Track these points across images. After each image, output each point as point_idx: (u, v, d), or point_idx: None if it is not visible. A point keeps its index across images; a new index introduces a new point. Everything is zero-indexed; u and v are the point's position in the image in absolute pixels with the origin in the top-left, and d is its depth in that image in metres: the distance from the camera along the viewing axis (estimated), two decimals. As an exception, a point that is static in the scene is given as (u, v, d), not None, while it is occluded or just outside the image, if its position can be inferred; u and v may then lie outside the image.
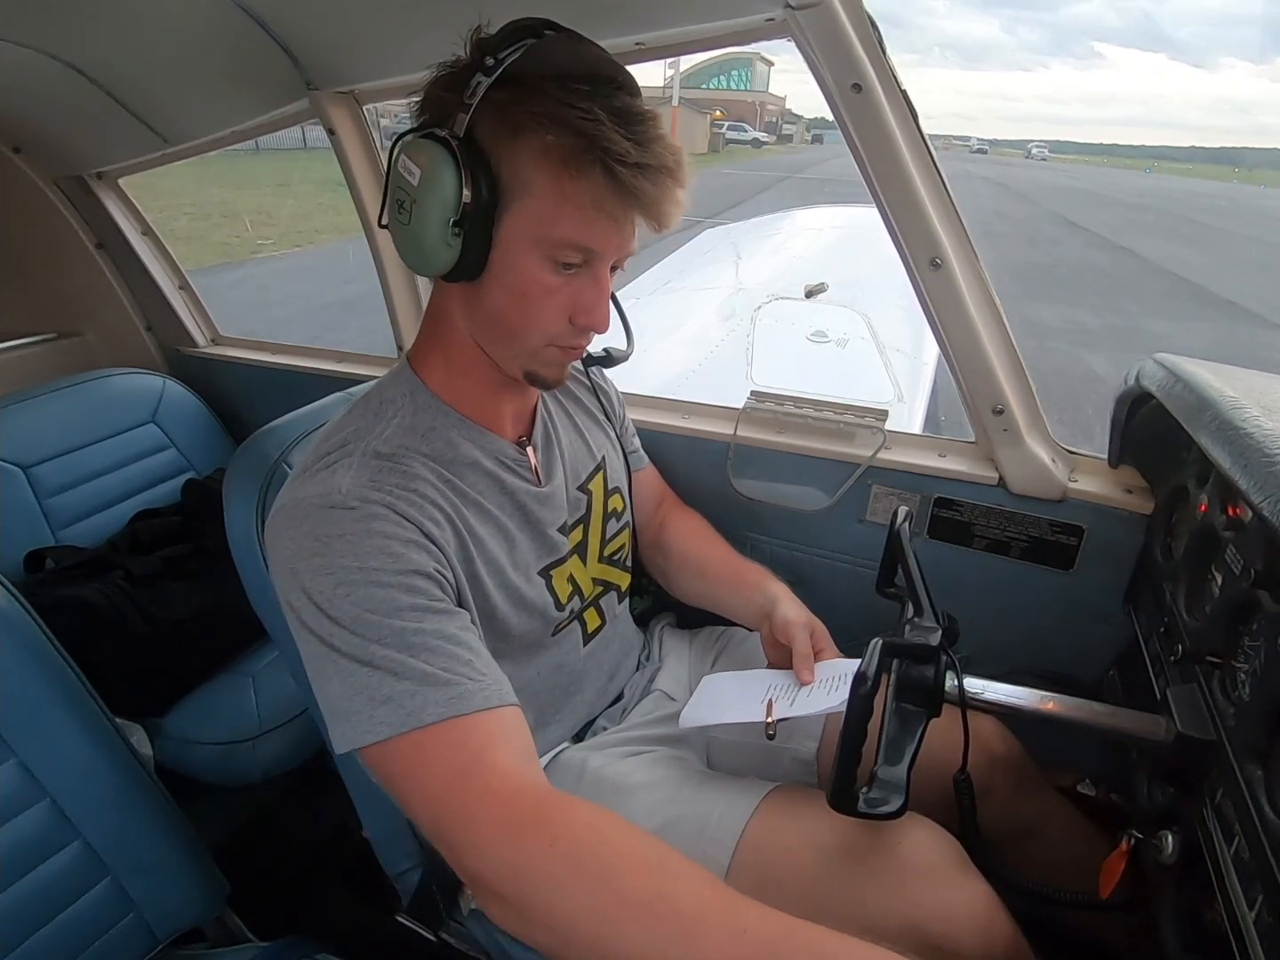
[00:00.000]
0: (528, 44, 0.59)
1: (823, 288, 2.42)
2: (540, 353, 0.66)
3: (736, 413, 1.13)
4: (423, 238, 0.60)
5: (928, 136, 0.85)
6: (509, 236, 0.60)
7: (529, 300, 0.62)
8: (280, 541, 0.60)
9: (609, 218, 0.59)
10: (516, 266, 0.61)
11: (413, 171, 0.60)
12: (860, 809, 0.59)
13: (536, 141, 0.57)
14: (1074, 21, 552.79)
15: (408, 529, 0.60)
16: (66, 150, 1.48)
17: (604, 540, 0.86)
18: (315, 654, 0.57)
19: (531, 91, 0.57)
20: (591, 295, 0.63)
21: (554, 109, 0.57)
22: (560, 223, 0.59)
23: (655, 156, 0.58)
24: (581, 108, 0.56)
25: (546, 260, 0.61)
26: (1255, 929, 0.50)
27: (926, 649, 0.64)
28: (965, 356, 0.92)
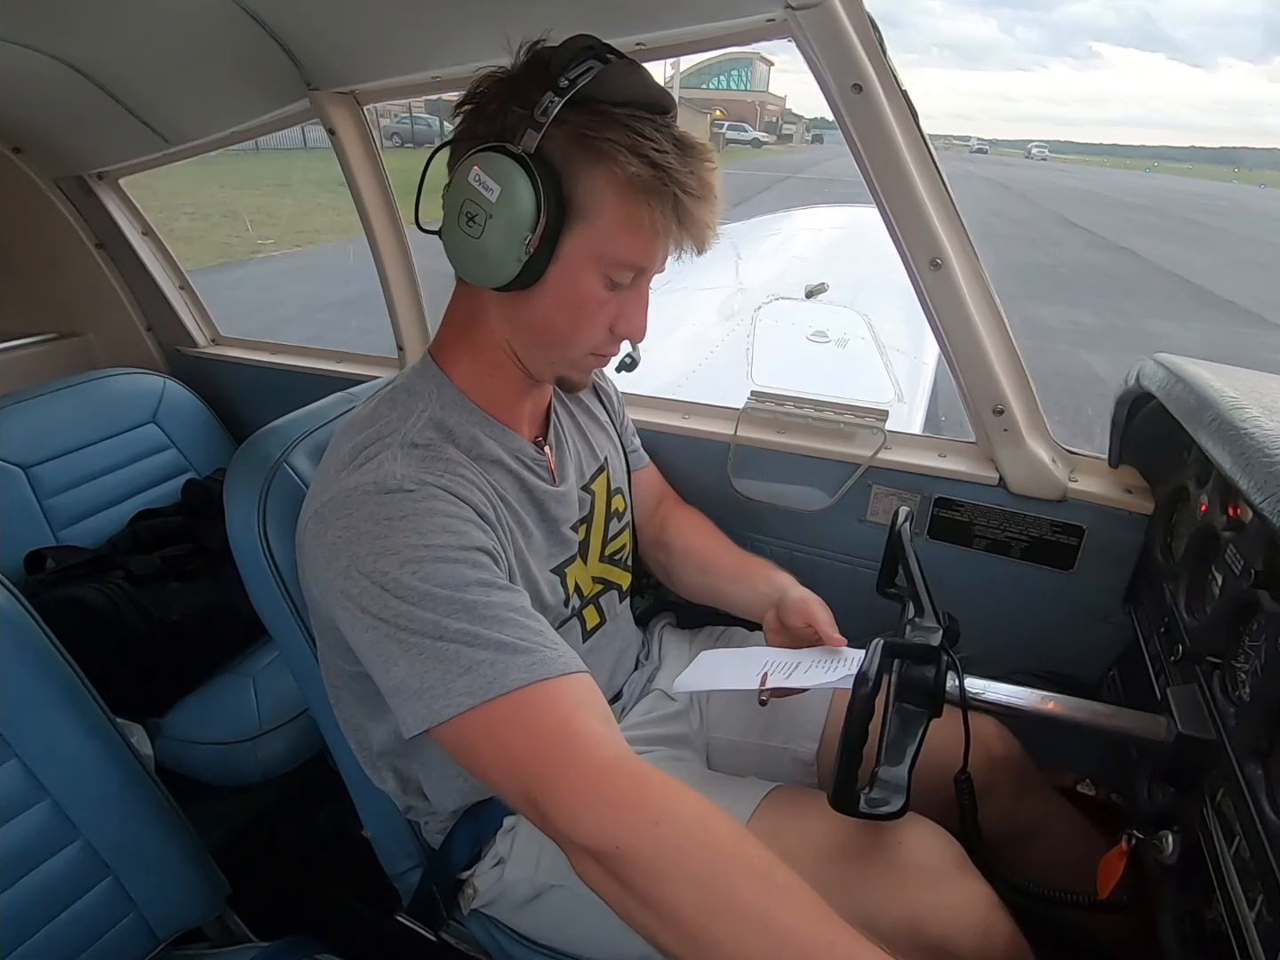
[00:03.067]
0: (594, 67, 0.61)
1: (823, 288, 2.42)
2: (580, 361, 0.70)
3: (736, 413, 1.13)
4: (493, 252, 0.61)
5: (928, 136, 0.85)
6: (571, 254, 0.63)
7: (581, 313, 0.65)
8: (330, 532, 0.60)
9: (670, 243, 0.64)
10: (575, 282, 0.64)
11: (490, 187, 0.60)
12: (861, 809, 0.59)
13: (615, 169, 0.60)
14: (1072, 21, 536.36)
15: (464, 509, 0.62)
16: (66, 150, 1.48)
17: (605, 540, 0.86)
18: (379, 638, 0.57)
19: (606, 119, 0.60)
20: (636, 308, 0.68)
21: (630, 139, 0.59)
22: (626, 246, 0.63)
23: (709, 187, 0.63)
24: (653, 139, 0.60)
25: (603, 277, 0.64)
26: (1255, 928, 0.50)
27: (927, 649, 0.64)
28: (965, 356, 0.92)
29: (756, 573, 0.91)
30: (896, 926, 0.64)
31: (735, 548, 0.99)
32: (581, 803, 0.51)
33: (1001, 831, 0.84)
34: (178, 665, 1.20)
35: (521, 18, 0.91)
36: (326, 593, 0.61)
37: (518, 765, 0.54)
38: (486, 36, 0.96)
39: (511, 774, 0.54)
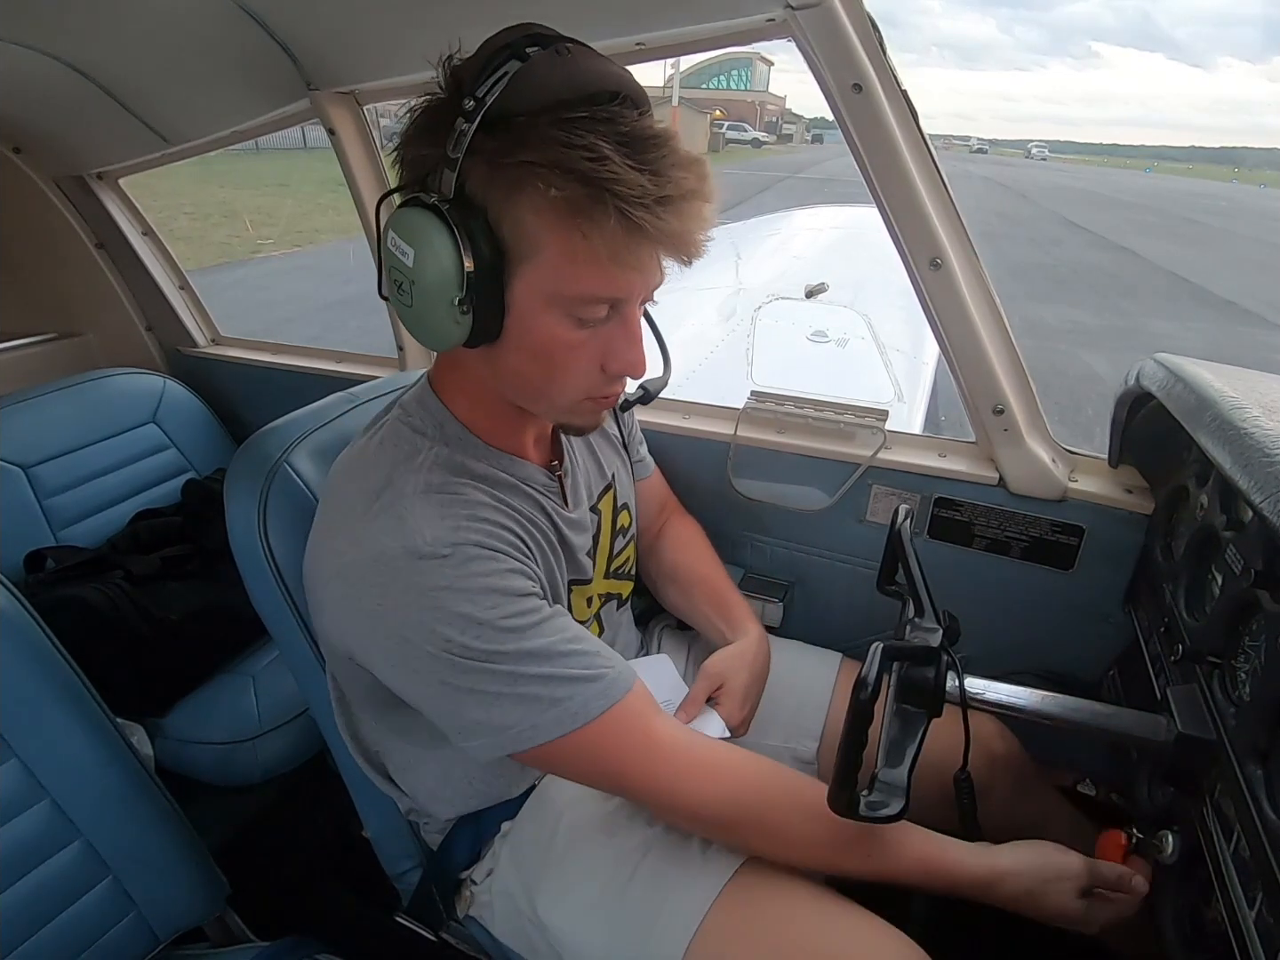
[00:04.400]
0: (510, 71, 0.51)
1: (823, 288, 2.42)
2: (574, 407, 0.63)
3: (736, 413, 1.13)
4: (428, 318, 0.55)
5: (928, 136, 0.85)
6: (521, 299, 0.55)
7: (553, 361, 0.58)
8: (366, 599, 0.58)
9: (631, 266, 0.54)
10: (534, 329, 0.56)
11: (405, 251, 0.54)
12: (861, 813, 0.59)
13: (538, 196, 0.50)
14: (1070, 21, 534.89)
15: (501, 560, 0.60)
16: (66, 150, 1.48)
17: (611, 557, 0.86)
18: (446, 693, 0.58)
19: (524, 134, 0.50)
20: (622, 342, 0.58)
21: (553, 153, 0.49)
22: (577, 280, 0.54)
23: (675, 184, 0.51)
24: (583, 145, 0.49)
25: (566, 318, 0.56)
26: (1255, 928, 0.50)
27: (927, 650, 0.64)
28: (965, 356, 0.92)
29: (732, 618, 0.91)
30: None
31: (723, 576, 0.97)
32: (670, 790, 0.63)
33: (1001, 831, 0.84)
34: (178, 665, 1.20)
35: (521, 18, 0.91)
36: (366, 650, 0.60)
37: (609, 776, 0.64)
38: (486, 36, 0.96)
39: (603, 780, 0.65)
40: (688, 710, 0.82)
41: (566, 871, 0.73)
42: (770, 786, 0.66)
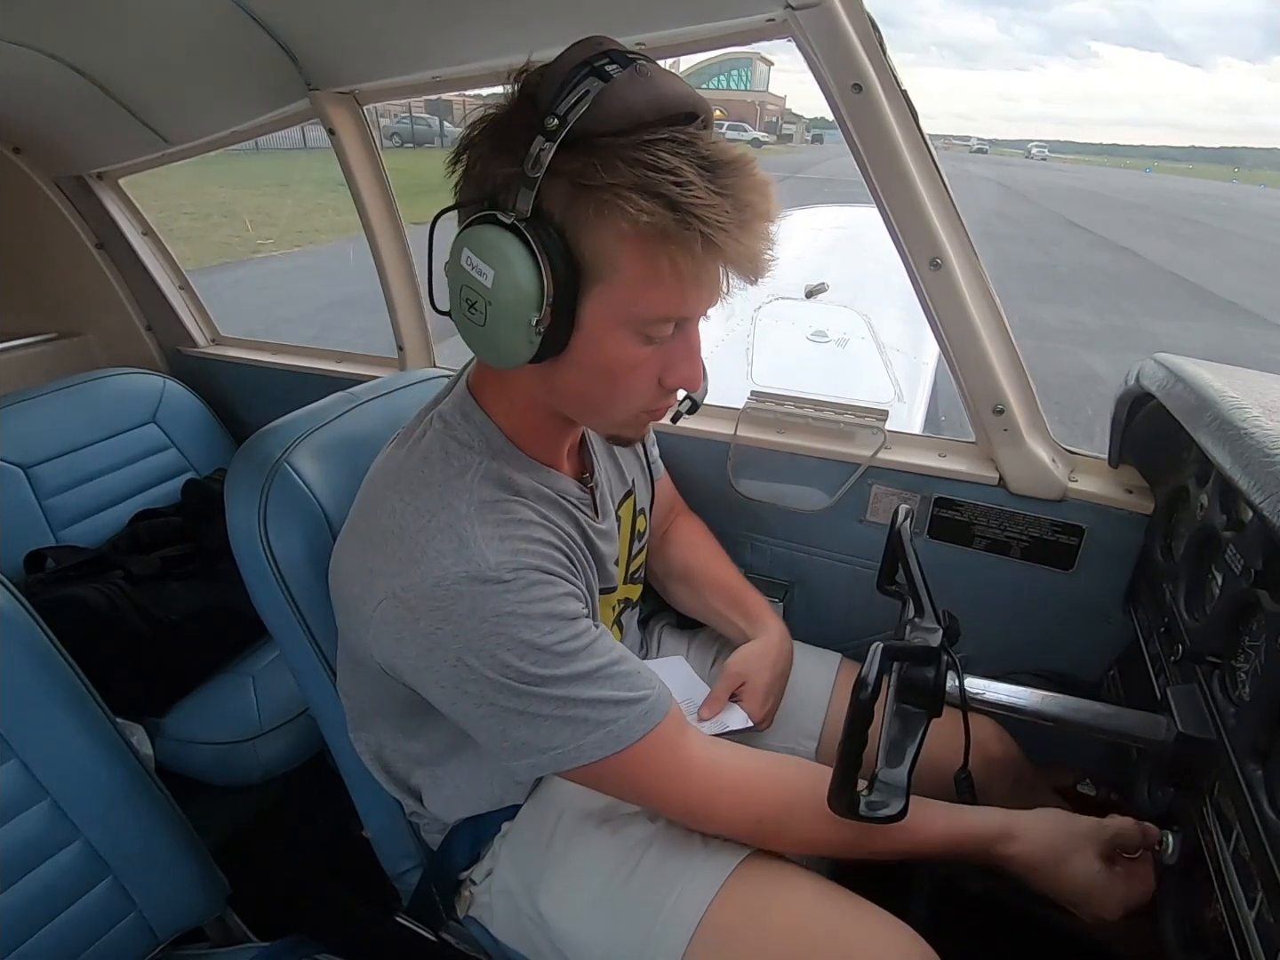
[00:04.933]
0: (590, 90, 0.50)
1: (823, 288, 2.42)
2: (630, 421, 0.64)
3: (736, 413, 1.13)
4: (502, 338, 0.55)
5: (928, 136, 0.85)
6: (593, 320, 0.55)
7: (616, 379, 0.58)
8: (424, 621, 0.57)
9: (707, 287, 0.55)
10: (603, 348, 0.56)
11: (483, 271, 0.53)
12: (861, 813, 0.59)
13: (624, 219, 0.50)
14: (1069, 21, 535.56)
15: (559, 582, 0.61)
16: (66, 150, 1.48)
17: (629, 561, 0.86)
18: (494, 713, 0.59)
19: (609, 157, 0.50)
20: (684, 357, 0.60)
21: (640, 178, 0.49)
22: (654, 302, 0.54)
23: (753, 209, 0.53)
24: (669, 170, 0.49)
25: (636, 336, 0.56)
26: (1255, 928, 0.50)
27: (927, 650, 0.64)
28: (965, 356, 0.92)
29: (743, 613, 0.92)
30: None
31: (735, 573, 0.98)
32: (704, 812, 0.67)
33: (1001, 831, 0.84)
34: (178, 665, 1.20)
35: (521, 18, 0.91)
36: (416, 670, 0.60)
37: (645, 795, 0.67)
38: (486, 36, 0.96)
39: (639, 799, 0.69)
40: (710, 708, 0.84)
41: (568, 869, 0.73)
42: (793, 792, 0.67)
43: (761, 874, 0.70)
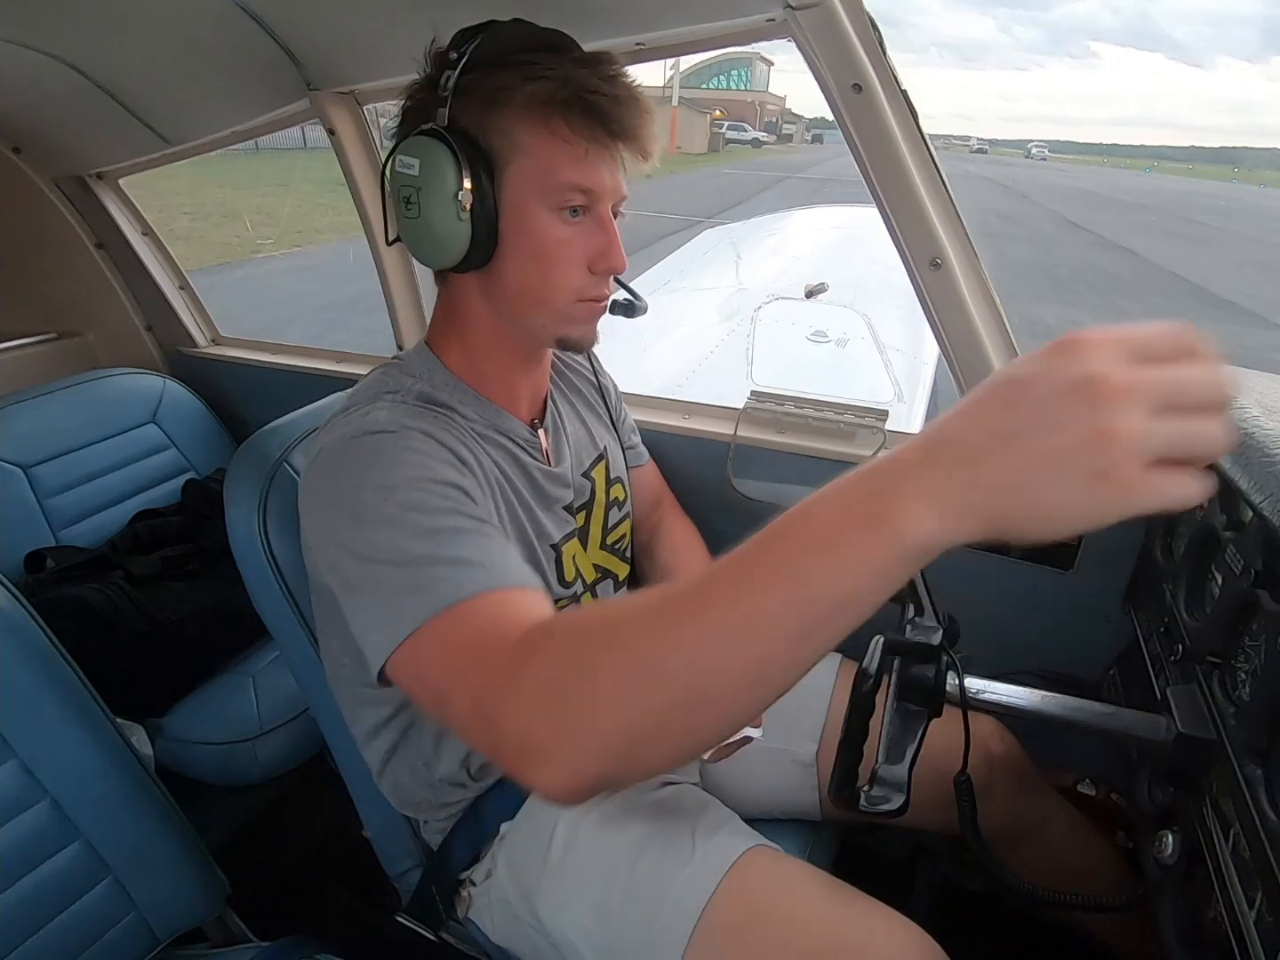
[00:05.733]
0: (482, 33, 0.63)
1: (823, 288, 2.42)
2: (571, 311, 0.68)
3: (736, 413, 1.13)
4: (434, 223, 0.63)
5: (928, 136, 0.85)
6: (513, 200, 0.63)
7: (547, 257, 0.65)
8: (312, 479, 0.62)
9: (599, 152, 0.63)
10: (528, 227, 0.64)
11: (410, 164, 0.63)
12: (861, 806, 0.59)
13: (516, 100, 0.61)
14: (1069, 21, 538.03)
15: (443, 450, 0.62)
16: (66, 150, 1.48)
17: (605, 528, 0.86)
18: (350, 576, 0.55)
19: (498, 65, 0.61)
20: (602, 238, 0.66)
21: (525, 71, 0.61)
22: (557, 166, 0.62)
23: (625, 89, 0.63)
24: (548, 63, 0.61)
25: (552, 211, 0.63)
26: (1255, 928, 0.50)
27: (927, 648, 0.64)
28: (965, 356, 0.92)
29: None
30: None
31: None
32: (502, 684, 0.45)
33: (1001, 832, 0.84)
34: (178, 665, 1.20)
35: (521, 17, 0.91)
36: (311, 545, 0.62)
37: (466, 673, 0.47)
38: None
39: (464, 692, 0.47)
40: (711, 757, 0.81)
41: (566, 873, 0.73)
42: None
43: (762, 869, 0.70)
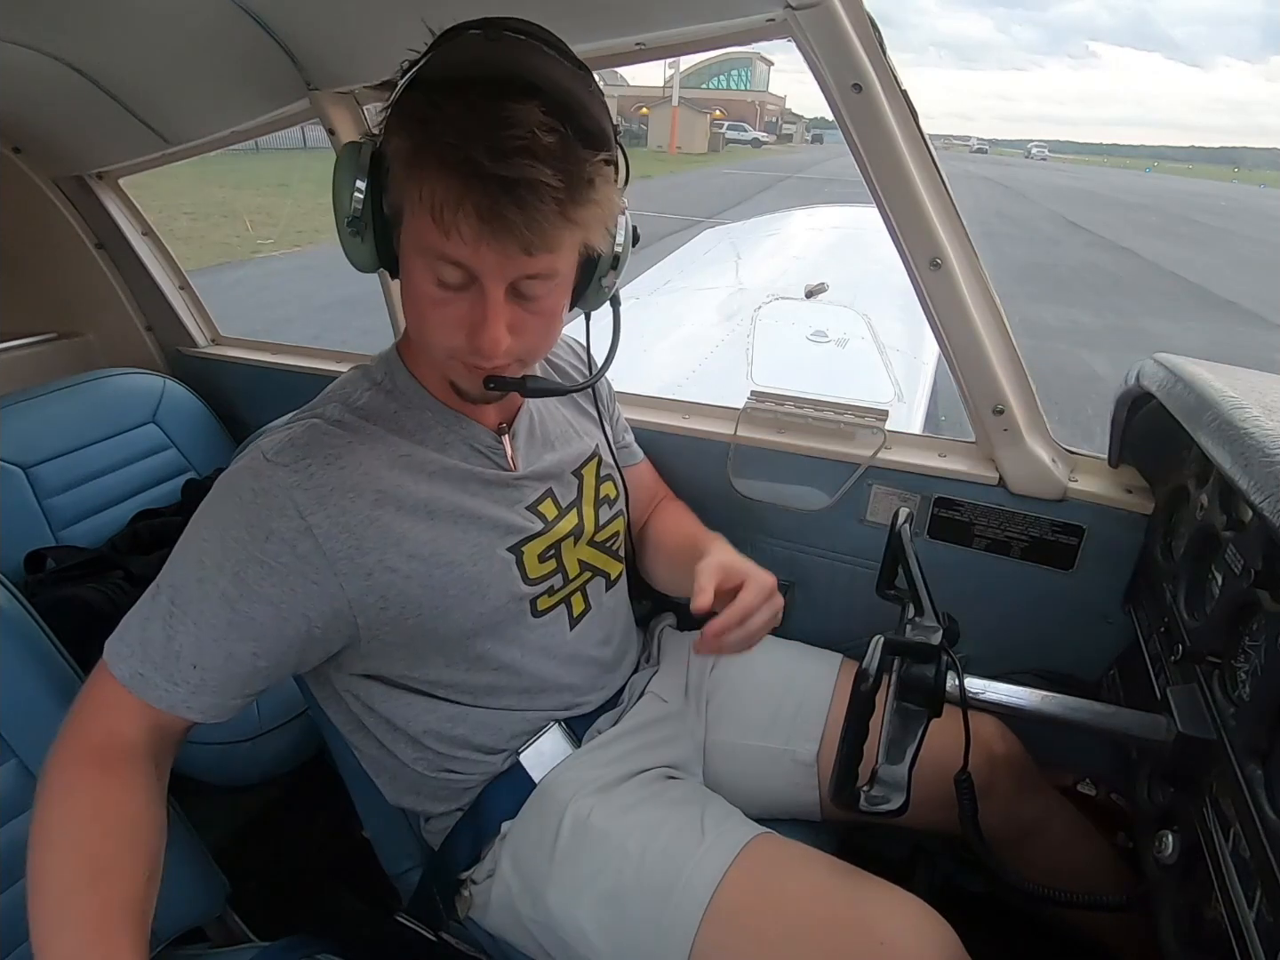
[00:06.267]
0: (440, 48, 0.57)
1: (823, 288, 2.42)
2: (446, 364, 0.66)
3: (736, 413, 1.13)
4: (341, 230, 0.62)
5: (928, 136, 0.85)
6: (405, 252, 0.61)
7: (421, 310, 0.62)
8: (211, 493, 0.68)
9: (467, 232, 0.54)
10: (408, 275, 0.62)
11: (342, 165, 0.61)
12: (861, 806, 0.59)
13: (397, 143, 0.56)
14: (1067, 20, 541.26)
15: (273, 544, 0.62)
16: (66, 150, 1.48)
17: (597, 525, 0.85)
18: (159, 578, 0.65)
19: (418, 99, 0.55)
20: (477, 315, 0.60)
21: (418, 109, 0.54)
22: (427, 237, 0.56)
23: (516, 168, 0.51)
24: (444, 108, 0.52)
25: (428, 272, 0.59)
26: (1255, 928, 0.50)
27: (927, 648, 0.64)
28: (965, 356, 0.92)
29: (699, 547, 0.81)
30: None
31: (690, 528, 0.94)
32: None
33: (1002, 831, 0.84)
34: (178, 665, 1.20)
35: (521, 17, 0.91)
36: None
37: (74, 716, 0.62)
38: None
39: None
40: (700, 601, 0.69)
41: (576, 862, 0.73)
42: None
43: (770, 853, 0.71)
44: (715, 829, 0.73)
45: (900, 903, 0.67)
